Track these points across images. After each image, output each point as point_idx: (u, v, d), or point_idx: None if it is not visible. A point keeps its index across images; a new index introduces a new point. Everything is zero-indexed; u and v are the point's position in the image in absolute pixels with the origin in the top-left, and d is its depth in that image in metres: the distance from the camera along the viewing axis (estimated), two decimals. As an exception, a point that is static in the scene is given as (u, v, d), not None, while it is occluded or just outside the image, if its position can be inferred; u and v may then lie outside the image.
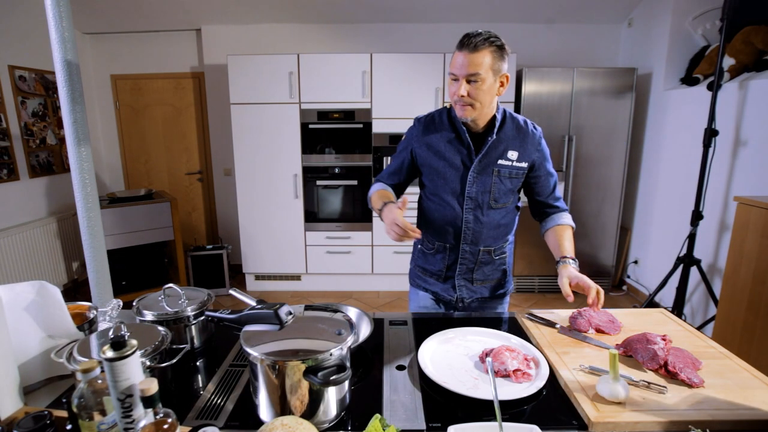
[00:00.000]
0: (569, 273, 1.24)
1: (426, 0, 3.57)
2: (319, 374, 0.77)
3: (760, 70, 2.65)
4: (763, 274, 1.97)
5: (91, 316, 1.10)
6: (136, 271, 3.49)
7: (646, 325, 1.22)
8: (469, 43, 1.19)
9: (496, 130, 1.32)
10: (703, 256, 2.81)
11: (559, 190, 1.46)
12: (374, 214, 3.44)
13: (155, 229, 3.44)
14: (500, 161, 1.33)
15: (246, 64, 3.42)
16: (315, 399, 0.81)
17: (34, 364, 0.96)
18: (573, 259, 1.30)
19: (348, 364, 0.85)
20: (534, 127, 1.39)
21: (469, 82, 1.22)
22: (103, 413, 0.70)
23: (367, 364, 1.07)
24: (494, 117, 1.32)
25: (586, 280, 1.21)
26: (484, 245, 1.41)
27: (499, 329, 1.19)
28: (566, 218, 1.43)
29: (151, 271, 3.57)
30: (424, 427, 0.83)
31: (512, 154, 1.34)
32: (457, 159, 1.35)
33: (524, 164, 1.36)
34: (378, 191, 1.41)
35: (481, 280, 1.45)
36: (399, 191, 1.49)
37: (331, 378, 0.77)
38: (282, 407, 0.81)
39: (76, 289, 3.72)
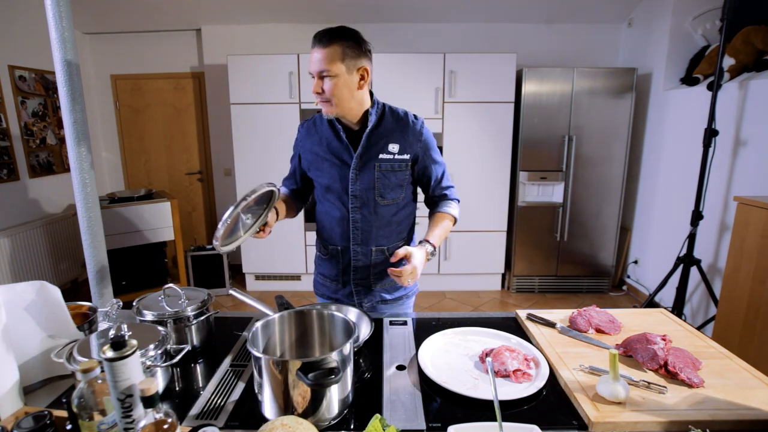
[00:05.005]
0: (413, 247, 1.26)
1: (426, 0, 3.57)
2: (310, 375, 0.77)
3: (760, 70, 2.65)
4: (763, 274, 1.97)
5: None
6: (136, 271, 3.49)
7: (646, 325, 1.22)
8: (320, 39, 1.19)
9: (370, 124, 1.30)
10: (703, 256, 2.81)
11: (449, 178, 1.44)
12: None
13: (155, 229, 3.44)
14: (381, 155, 1.31)
15: (246, 64, 3.42)
16: (317, 397, 0.81)
17: (34, 364, 0.96)
18: (432, 245, 1.30)
19: (349, 366, 0.85)
20: (414, 118, 1.37)
21: (322, 78, 1.21)
22: (103, 413, 0.70)
23: (367, 364, 1.07)
24: (367, 111, 1.31)
25: (416, 259, 1.22)
26: (376, 245, 1.38)
27: (499, 329, 1.19)
28: (449, 207, 1.41)
29: (151, 271, 3.57)
30: (424, 427, 0.83)
31: (393, 147, 1.32)
32: (338, 158, 1.33)
33: (406, 156, 1.33)
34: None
35: (380, 282, 1.42)
36: (300, 196, 1.52)
37: (321, 380, 0.78)
38: (285, 404, 0.81)
39: (76, 289, 3.72)
